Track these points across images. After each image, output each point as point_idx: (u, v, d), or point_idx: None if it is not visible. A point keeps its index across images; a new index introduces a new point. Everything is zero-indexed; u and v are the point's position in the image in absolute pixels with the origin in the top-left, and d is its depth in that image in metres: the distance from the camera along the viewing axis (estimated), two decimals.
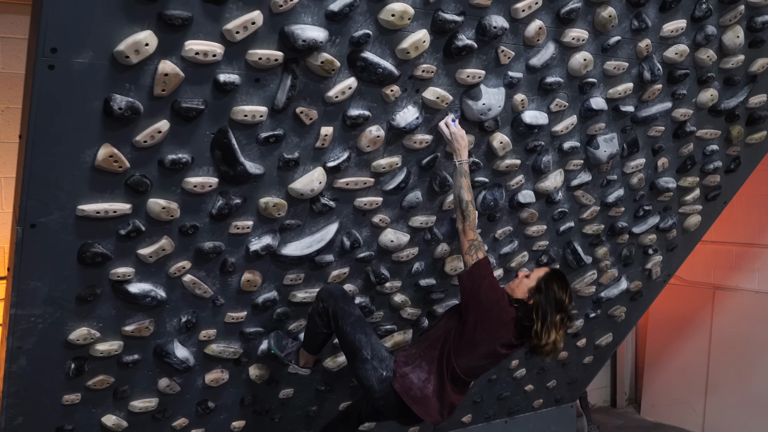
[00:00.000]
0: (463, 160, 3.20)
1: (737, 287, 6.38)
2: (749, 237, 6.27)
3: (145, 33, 2.44)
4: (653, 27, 3.41)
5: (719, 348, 6.41)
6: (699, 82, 3.78)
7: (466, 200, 3.21)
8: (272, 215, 3.15)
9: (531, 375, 5.09)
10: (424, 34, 2.90)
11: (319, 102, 2.92)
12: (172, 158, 2.78)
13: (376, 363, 3.31)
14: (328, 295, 3.36)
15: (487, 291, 3.18)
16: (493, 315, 3.20)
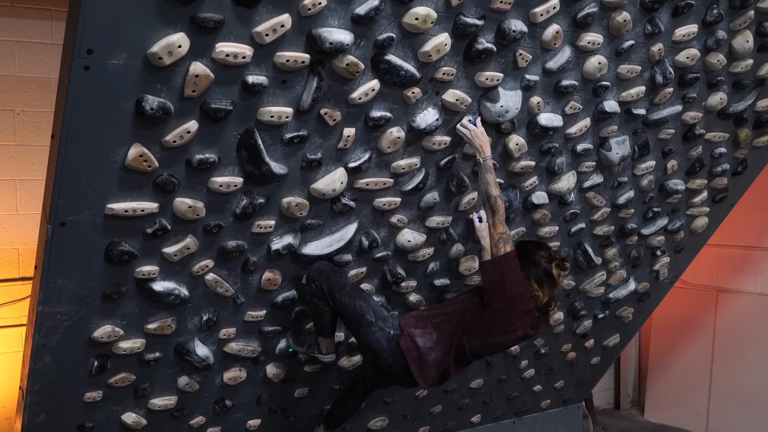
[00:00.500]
0: (486, 157, 3.26)
1: (740, 290, 6.45)
2: (752, 240, 6.35)
3: (178, 35, 2.49)
4: (666, 31, 3.48)
5: (722, 350, 6.47)
6: (709, 86, 3.86)
7: (494, 195, 3.27)
8: (294, 215, 3.21)
9: (539, 375, 5.15)
10: (445, 37, 2.96)
11: (343, 103, 2.98)
12: (199, 158, 2.83)
13: (381, 323, 3.39)
14: (317, 274, 3.37)
15: (513, 283, 3.25)
16: (517, 307, 3.29)
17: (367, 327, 3.38)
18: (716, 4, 3.50)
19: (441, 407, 4.84)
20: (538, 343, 4.85)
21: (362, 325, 3.39)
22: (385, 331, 3.39)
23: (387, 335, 3.39)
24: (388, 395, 4.49)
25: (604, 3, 3.22)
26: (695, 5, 3.44)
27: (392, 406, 4.58)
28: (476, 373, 4.77)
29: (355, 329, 3.45)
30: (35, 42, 4.32)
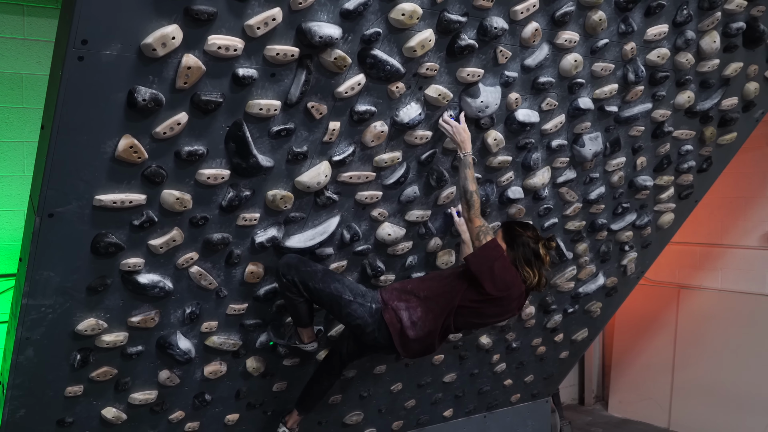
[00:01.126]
0: (467, 153, 3.33)
1: (701, 286, 6.65)
2: (712, 238, 6.55)
3: (172, 27, 2.52)
4: (638, 31, 3.60)
5: (684, 345, 6.66)
6: (677, 85, 3.99)
7: (471, 190, 3.35)
8: (279, 207, 3.25)
9: (510, 369, 5.25)
10: (430, 33, 3.03)
11: (329, 97, 3.03)
12: (188, 150, 2.86)
13: (360, 299, 3.43)
14: (287, 268, 3.39)
15: (502, 272, 3.33)
16: (510, 293, 3.38)
17: (346, 306, 3.42)
18: (686, 5, 3.63)
19: (415, 402, 4.90)
20: (510, 337, 4.94)
21: (341, 306, 3.42)
22: (365, 306, 3.43)
23: (369, 310, 3.43)
24: (364, 389, 4.54)
25: (581, 2, 3.33)
26: (666, 6, 3.57)
27: (368, 400, 4.63)
28: (450, 368, 4.84)
29: (335, 312, 3.48)
30: (17, 39, 4.29)
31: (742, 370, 6.16)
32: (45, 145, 2.66)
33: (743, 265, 6.38)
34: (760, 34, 3.99)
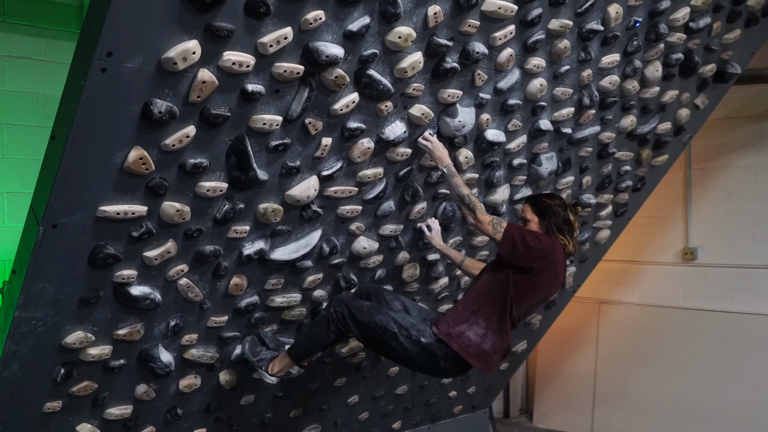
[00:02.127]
0: (447, 164, 3.51)
1: (620, 301, 7.06)
2: (630, 255, 6.98)
3: (192, 42, 2.60)
4: (595, 59, 3.91)
5: (605, 357, 7.04)
6: (623, 109, 4.33)
7: (466, 194, 3.50)
8: (269, 220, 3.34)
9: (455, 381, 5.45)
10: (420, 55, 3.22)
11: (325, 114, 3.16)
12: (193, 162, 2.92)
13: (405, 332, 3.47)
14: (338, 302, 3.56)
15: (536, 242, 3.40)
16: (556, 256, 3.46)
17: (392, 339, 3.47)
18: (636, 36, 3.97)
19: (368, 414, 5.02)
20: None
21: (387, 338, 3.48)
22: (410, 338, 3.46)
23: (418, 342, 3.45)
24: (323, 403, 4.63)
25: (550, 31, 3.59)
26: (620, 37, 3.89)
27: (326, 413, 4.72)
28: (403, 380, 4.99)
29: (385, 348, 3.54)
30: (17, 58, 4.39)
31: (659, 378, 6.57)
32: (56, 155, 2.68)
33: (659, 280, 6.83)
34: (695, 65, 4.38)
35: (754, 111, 6.20)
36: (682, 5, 4.04)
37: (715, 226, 6.51)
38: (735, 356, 6.14)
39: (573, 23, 3.64)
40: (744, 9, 4.39)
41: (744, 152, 6.31)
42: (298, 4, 2.75)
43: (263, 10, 2.67)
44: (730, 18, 4.36)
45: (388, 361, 4.68)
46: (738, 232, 6.36)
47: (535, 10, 3.44)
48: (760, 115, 6.19)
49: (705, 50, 4.44)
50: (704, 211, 6.58)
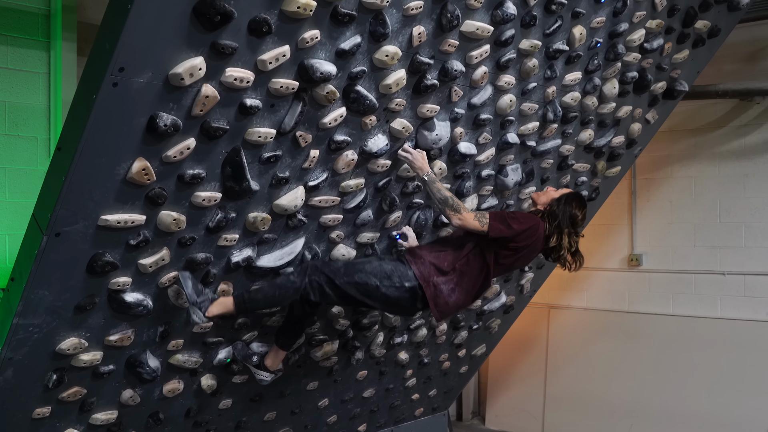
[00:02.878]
0: (428, 172, 3.69)
1: (569, 305, 7.37)
2: None
3: (199, 58, 2.73)
4: (559, 76, 4.16)
5: (555, 360, 7.33)
6: (582, 123, 4.59)
7: (449, 196, 3.66)
8: (258, 229, 3.47)
9: (419, 384, 5.63)
10: (403, 72, 3.40)
11: (315, 127, 3.32)
12: (191, 173, 3.05)
13: (387, 282, 3.60)
14: (313, 270, 3.60)
15: (522, 223, 3.65)
16: (539, 235, 3.73)
17: (375, 292, 3.59)
18: (596, 55, 4.23)
19: (336, 417, 5.16)
20: (423, 353, 5.33)
21: (370, 293, 3.59)
22: (394, 287, 3.60)
23: (401, 289, 3.60)
24: (296, 406, 4.75)
25: (520, 50, 3.82)
26: (582, 56, 4.15)
27: (298, 416, 4.84)
28: (371, 383, 5.15)
29: (369, 302, 3.63)
30: None
31: (607, 380, 6.88)
32: (63, 166, 2.77)
33: (606, 285, 7.15)
34: (647, 82, 4.68)
35: (695, 125, 6.58)
36: (639, 27, 4.33)
37: (658, 234, 6.86)
38: (678, 357, 6.49)
39: (541, 43, 3.88)
40: (692, 31, 4.72)
41: (685, 163, 6.68)
42: (297, 23, 2.91)
43: (265, 29, 2.82)
44: (680, 39, 4.68)
45: (358, 365, 4.84)
46: (680, 239, 6.72)
47: (508, 31, 3.67)
48: (700, 128, 6.57)
49: (657, 69, 4.74)
50: (648, 219, 6.93)
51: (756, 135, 6.31)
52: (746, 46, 6.26)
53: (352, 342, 4.63)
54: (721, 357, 6.26)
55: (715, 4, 4.67)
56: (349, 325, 4.51)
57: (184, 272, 3.42)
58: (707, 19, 4.72)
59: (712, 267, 6.52)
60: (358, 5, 3.06)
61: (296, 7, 2.83)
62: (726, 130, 6.46)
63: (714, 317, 6.48)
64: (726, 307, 6.46)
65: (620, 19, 4.19)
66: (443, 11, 3.33)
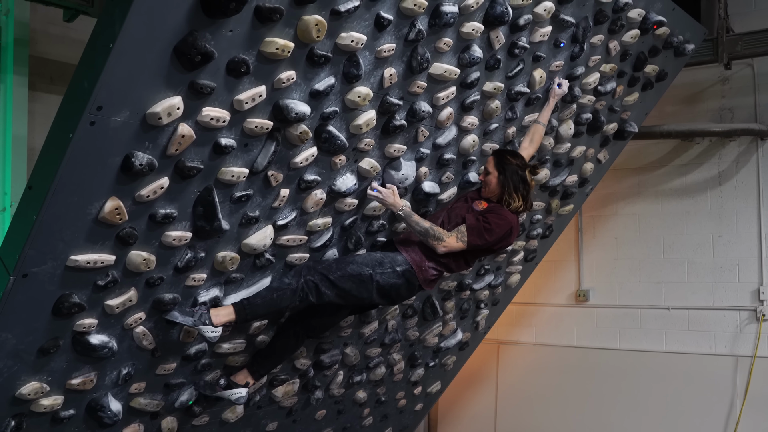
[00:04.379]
0: (402, 207, 3.72)
1: (518, 341, 7.45)
2: (526, 297, 7.37)
3: (177, 98, 2.72)
4: (519, 117, 4.26)
5: (505, 395, 7.38)
6: (539, 163, 4.70)
7: (428, 227, 3.69)
8: (226, 268, 3.44)
9: (375, 422, 5.60)
10: (374, 113, 3.44)
11: (286, 167, 3.32)
12: (163, 213, 3.01)
13: (380, 269, 3.66)
14: (307, 270, 3.60)
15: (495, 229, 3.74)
16: (513, 228, 3.82)
17: (370, 282, 3.63)
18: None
19: None
20: (380, 391, 5.31)
21: (366, 284, 3.63)
22: (386, 273, 3.66)
23: (395, 273, 3.68)
24: None
25: (484, 92, 3.91)
26: (542, 98, 4.26)
27: None
28: (329, 422, 5.11)
29: (365, 293, 3.65)
30: None
31: (557, 415, 6.95)
32: (34, 205, 2.71)
33: (554, 321, 7.26)
34: (600, 124, 4.83)
35: (639, 163, 6.79)
36: (594, 71, 4.48)
37: (605, 270, 7.01)
38: (625, 391, 6.61)
39: (504, 85, 3.97)
40: (642, 75, 4.90)
41: (630, 201, 6.87)
42: (274, 64, 2.92)
43: (243, 70, 2.82)
44: (631, 82, 4.85)
45: (318, 404, 4.80)
46: (625, 275, 6.88)
47: (474, 73, 3.75)
48: (644, 167, 6.78)
49: (609, 110, 4.90)
50: (595, 255, 7.09)
51: (696, 174, 6.54)
52: (687, 89, 6.51)
53: (313, 381, 4.59)
54: (667, 390, 6.40)
55: (663, 50, 4.86)
56: (311, 365, 4.48)
57: (170, 314, 3.38)
58: (656, 63, 4.91)
59: (657, 302, 6.69)
60: (334, 47, 3.09)
61: (275, 48, 2.84)
62: (668, 169, 6.68)
63: (659, 351, 6.63)
64: (671, 341, 6.62)
65: (577, 63, 4.33)
66: (414, 54, 3.39)
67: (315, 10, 2.92)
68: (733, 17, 6.17)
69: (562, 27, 4.03)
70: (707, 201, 6.50)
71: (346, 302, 3.71)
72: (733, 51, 5.70)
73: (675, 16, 4.72)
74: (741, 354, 6.25)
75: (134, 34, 2.49)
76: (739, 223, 6.36)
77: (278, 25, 2.85)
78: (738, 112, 6.31)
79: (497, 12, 3.55)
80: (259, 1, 2.73)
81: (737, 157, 6.35)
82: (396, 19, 3.23)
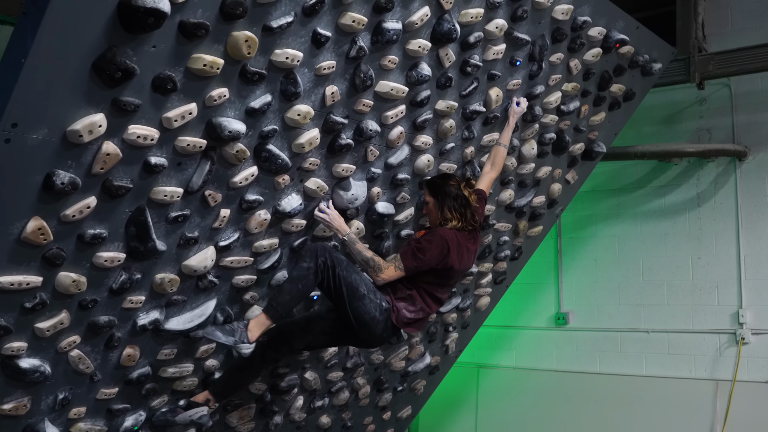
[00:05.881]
0: (347, 233, 3.66)
1: (498, 365, 7.34)
2: (507, 320, 7.29)
3: (99, 115, 2.65)
4: (477, 137, 4.18)
5: (485, 420, 7.25)
6: (501, 183, 4.62)
7: (370, 257, 3.66)
8: (165, 290, 3.35)
9: None
10: (317, 132, 3.37)
11: (225, 186, 3.25)
12: (92, 233, 2.93)
13: (372, 296, 3.65)
14: (324, 251, 3.57)
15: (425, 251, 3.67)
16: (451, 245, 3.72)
17: (360, 300, 3.61)
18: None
19: None
20: (345, 416, 5.20)
21: (355, 298, 3.61)
22: (374, 302, 3.65)
23: (378, 306, 3.66)
24: None
25: (437, 111, 3.84)
26: (500, 117, 4.19)
27: None
28: None
29: (348, 301, 3.62)
30: None
31: None
32: None
33: (534, 344, 7.15)
34: (565, 144, 4.75)
35: (617, 185, 6.71)
36: (555, 90, 4.41)
37: (584, 292, 6.92)
38: (606, 415, 6.48)
39: (458, 104, 3.91)
40: (608, 94, 4.82)
41: (609, 223, 6.79)
42: (204, 81, 2.86)
43: (170, 87, 2.76)
44: (596, 102, 4.78)
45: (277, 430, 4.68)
46: (605, 297, 6.78)
47: (423, 92, 3.68)
48: (622, 188, 6.70)
49: (575, 131, 4.82)
50: (574, 278, 6.99)
51: (675, 195, 6.45)
52: (665, 110, 6.45)
53: (270, 406, 4.48)
54: (648, 414, 6.28)
55: (629, 69, 4.79)
56: (267, 389, 4.38)
57: (206, 329, 3.48)
58: (622, 83, 4.84)
59: (637, 325, 6.58)
60: (269, 64, 3.03)
61: (202, 64, 2.78)
62: (647, 190, 6.60)
63: (639, 375, 6.52)
64: (651, 365, 6.51)
65: (536, 82, 4.26)
66: (357, 71, 3.33)
67: (245, 26, 2.86)
68: (709, 37, 6.11)
69: (518, 45, 3.97)
70: (686, 222, 6.41)
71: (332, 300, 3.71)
72: (705, 71, 5.63)
73: (639, 35, 4.66)
74: (721, 378, 6.14)
75: (48, 49, 2.44)
76: (718, 245, 6.27)
77: (206, 41, 2.79)
78: (716, 133, 6.23)
79: (444, 29, 3.49)
80: (184, 16, 2.67)
81: (715, 179, 6.27)
82: (335, 35, 3.17)
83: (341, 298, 3.63)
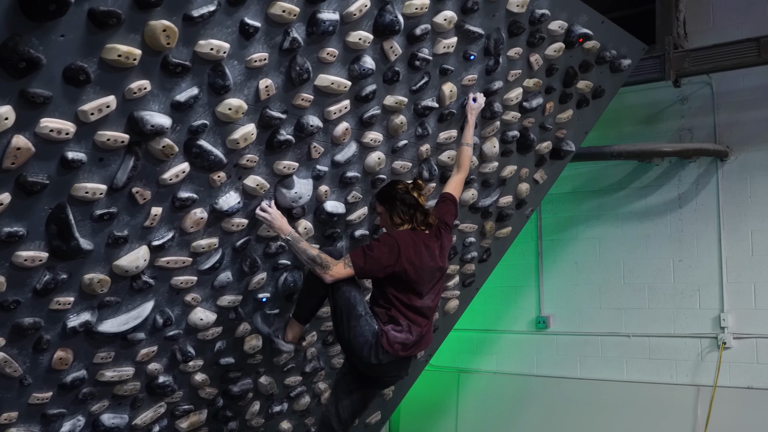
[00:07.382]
0: (290, 232, 3.54)
1: (479, 369, 7.20)
2: (487, 324, 7.16)
3: (5, 108, 2.54)
4: (432, 134, 4.05)
5: (465, 425, 7.12)
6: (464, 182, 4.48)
7: (316, 254, 3.55)
8: (95, 291, 3.24)
9: None
10: (252, 127, 3.25)
11: (154, 183, 3.13)
12: (8, 231, 2.82)
13: (369, 318, 3.61)
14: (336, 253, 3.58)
15: (375, 249, 3.58)
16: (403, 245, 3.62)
17: (356, 320, 3.58)
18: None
19: None
20: (308, 421, 5.07)
21: (352, 317, 3.58)
22: (370, 325, 3.60)
23: (373, 330, 3.60)
24: None
25: (385, 107, 3.71)
26: (456, 114, 4.06)
27: None
28: None
29: (344, 319, 3.61)
30: None
31: None
32: None
33: (515, 348, 7.02)
34: (531, 142, 4.61)
35: (597, 186, 6.57)
36: (515, 86, 4.27)
37: (565, 296, 6.78)
38: (586, 421, 6.37)
39: (408, 100, 3.78)
40: (574, 91, 4.68)
41: (589, 225, 6.65)
42: (121, 72, 2.74)
43: (83, 78, 2.64)
44: (562, 99, 4.64)
45: None
46: (586, 300, 6.65)
47: (369, 86, 3.56)
48: (602, 189, 6.56)
49: (540, 128, 4.69)
50: (555, 280, 6.86)
51: (656, 196, 6.31)
52: (646, 109, 6.31)
53: (223, 411, 4.36)
54: (629, 420, 6.18)
55: (596, 65, 4.65)
56: (218, 394, 4.26)
57: (257, 312, 3.90)
58: (589, 79, 4.70)
59: (618, 329, 6.45)
60: (193, 55, 2.91)
61: (117, 55, 2.67)
62: (628, 191, 6.46)
63: (620, 380, 6.39)
64: (632, 370, 6.38)
65: (494, 77, 4.12)
66: (292, 64, 3.21)
67: (163, 15, 2.74)
68: (691, 34, 5.97)
69: (470, 38, 3.84)
70: (667, 224, 6.27)
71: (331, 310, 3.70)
72: (681, 68, 5.48)
73: (605, 30, 4.52)
74: (702, 383, 6.01)
75: None
76: (700, 247, 6.13)
77: (120, 31, 2.67)
78: (697, 133, 6.10)
79: (386, 20, 3.36)
80: (93, 3, 2.56)
81: (697, 179, 6.13)
82: (265, 26, 3.04)
83: (339, 311, 3.63)
